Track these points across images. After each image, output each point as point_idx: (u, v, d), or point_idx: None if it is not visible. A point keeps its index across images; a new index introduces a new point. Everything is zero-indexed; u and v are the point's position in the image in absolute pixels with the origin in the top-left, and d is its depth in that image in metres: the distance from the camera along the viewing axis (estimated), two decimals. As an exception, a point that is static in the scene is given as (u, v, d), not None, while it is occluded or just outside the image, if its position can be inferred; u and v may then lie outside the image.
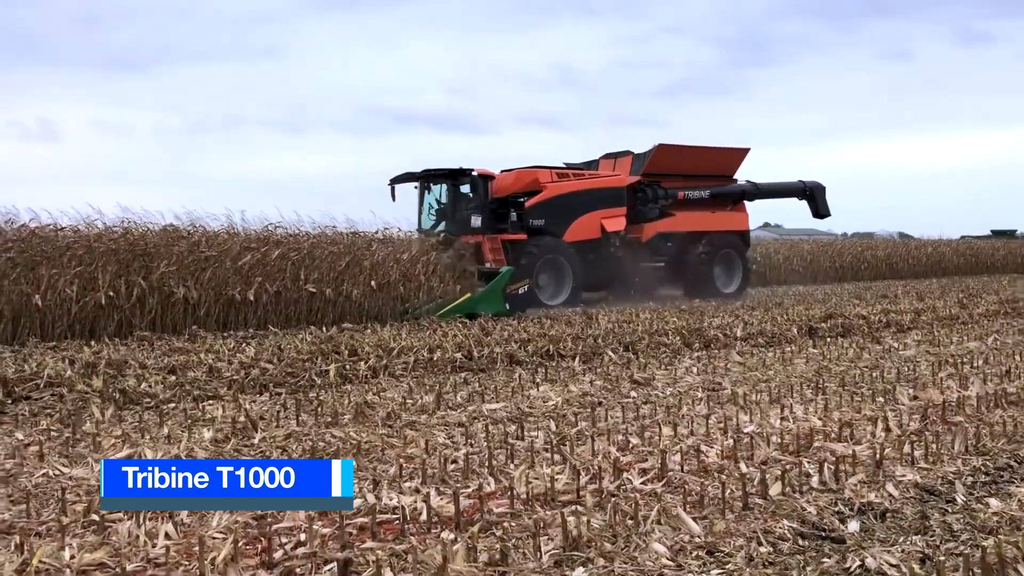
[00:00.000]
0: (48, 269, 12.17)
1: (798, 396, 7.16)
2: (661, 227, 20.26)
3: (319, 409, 6.68)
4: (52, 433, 6.06)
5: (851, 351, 10.08)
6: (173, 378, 8.03)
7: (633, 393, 7.48)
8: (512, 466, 4.88)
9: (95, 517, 3.99)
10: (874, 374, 8.26)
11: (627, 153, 20.98)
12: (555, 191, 18.72)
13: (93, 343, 11.00)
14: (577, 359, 9.52)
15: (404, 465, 4.88)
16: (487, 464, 4.87)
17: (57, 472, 4.94)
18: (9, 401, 7.22)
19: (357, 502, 4.20)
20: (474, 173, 18.20)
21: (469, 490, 4.42)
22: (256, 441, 5.71)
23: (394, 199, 18.47)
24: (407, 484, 4.58)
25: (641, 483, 4.52)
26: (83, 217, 13.68)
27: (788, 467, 4.76)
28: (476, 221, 17.78)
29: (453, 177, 18.33)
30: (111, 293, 12.38)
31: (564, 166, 20.41)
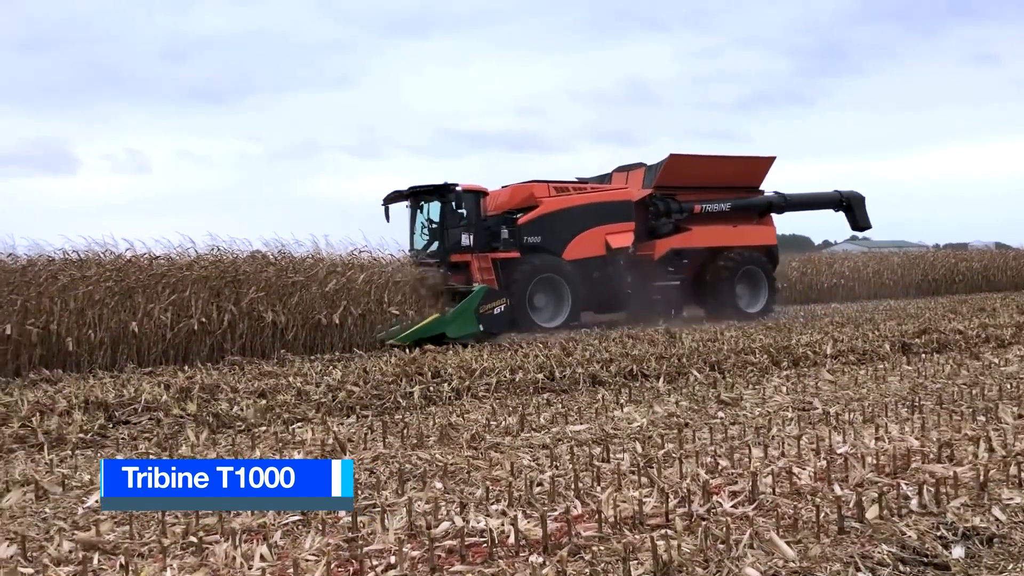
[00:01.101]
0: (144, 297, 12.67)
1: (893, 415, 6.94)
2: (675, 243, 19.37)
3: (405, 431, 6.76)
4: (151, 456, 6.28)
5: (948, 367, 9.72)
6: (263, 401, 8.25)
7: (720, 414, 7.36)
8: (599, 489, 4.85)
9: (193, 539, 4.12)
10: (974, 391, 7.95)
11: (640, 165, 20.19)
12: (552, 206, 18.01)
13: (187, 368, 11.38)
14: (661, 379, 9.43)
15: (490, 487, 4.90)
16: (573, 487, 4.85)
17: (156, 494, 5.11)
18: (110, 425, 7.52)
19: (445, 525, 4.24)
20: (459, 188, 17.45)
21: (556, 513, 4.41)
22: (345, 463, 5.80)
23: (388, 219, 17.94)
24: (494, 507, 4.59)
25: (732, 506, 4.44)
26: (174, 246, 14.25)
27: (885, 489, 4.61)
28: (467, 239, 17.11)
29: (442, 194, 17.59)
30: (203, 319, 12.84)
31: (577, 180, 19.70)
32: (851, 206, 21.81)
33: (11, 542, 4.19)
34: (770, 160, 20.54)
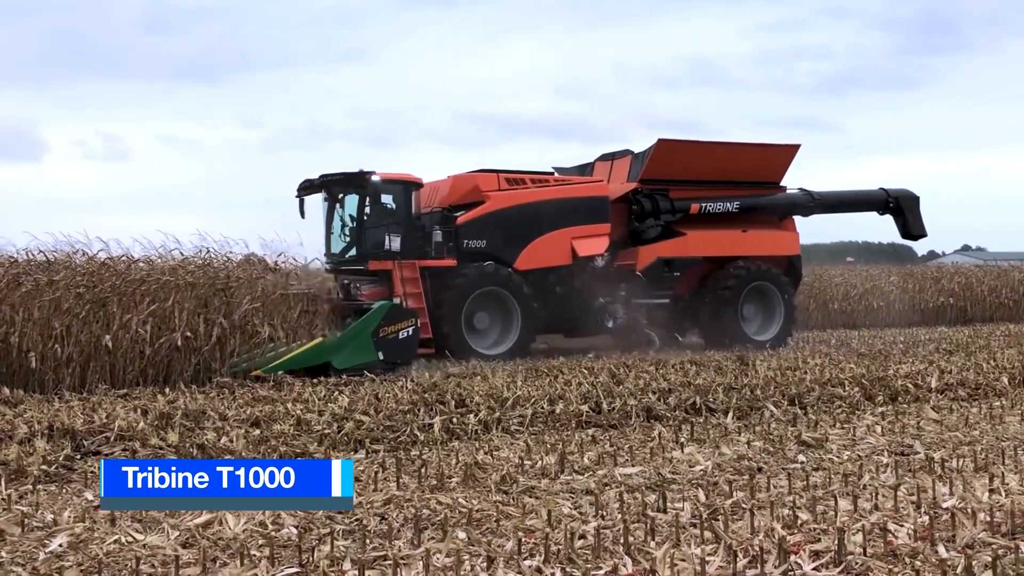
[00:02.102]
0: (119, 307, 12.85)
1: (1011, 463, 6.84)
2: (664, 251, 18.16)
3: (423, 470, 6.79)
4: (124, 493, 6.36)
5: (1081, 407, 9.57)
6: (257, 432, 8.33)
7: (801, 457, 7.31)
8: (653, 544, 4.84)
9: (172, 592, 4.17)
10: (1112, 436, 7.82)
11: (626, 153, 19.09)
12: (502, 203, 16.90)
13: (168, 390, 11.50)
14: (730, 414, 9.38)
15: (523, 539, 4.90)
16: (622, 541, 4.83)
17: (130, 539, 5.17)
18: (77, 456, 7.64)
19: (469, 583, 4.25)
20: (377, 178, 16.15)
21: (601, 572, 4.40)
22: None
23: (303, 215, 16.85)
24: (527, 562, 4.59)
25: (813, 568, 4.40)
26: (156, 247, 14.39)
27: (1000, 552, 4.54)
28: (394, 243, 16.01)
29: (358, 185, 16.32)
30: (188, 333, 13.00)
31: (554, 171, 18.89)
32: (901, 208, 20.67)
33: (-39, 591, 4.27)
34: (792, 149, 19.55)
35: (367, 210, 16.32)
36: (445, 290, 15.97)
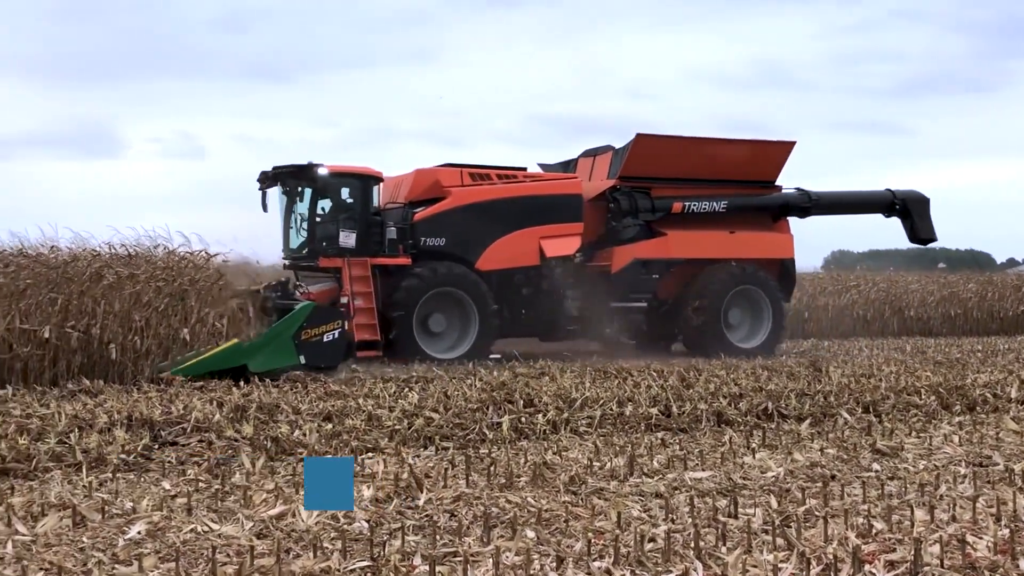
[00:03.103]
0: (197, 301, 13.09)
1: (1097, 478, 6.63)
2: (641, 252, 17.27)
3: (492, 468, 6.81)
4: (200, 484, 6.50)
5: None
6: (329, 426, 8.44)
7: (876, 466, 7.18)
8: (724, 549, 4.79)
9: (247, 581, 4.24)
10: None
11: (608, 149, 18.30)
12: (464, 199, 16.10)
13: (242, 383, 11.69)
14: (804, 421, 9.26)
15: (592, 540, 4.89)
16: (692, 545, 4.79)
17: (206, 528, 5.28)
18: (155, 446, 7.82)
19: (538, 582, 4.25)
20: (323, 170, 15.38)
21: (672, 575, 4.37)
22: (421, 503, 5.88)
23: (265, 208, 16.07)
24: (596, 563, 4.58)
25: (888, 579, 4.32)
26: (224, 243, 14.50)
27: (1086, 570, 4.42)
28: (348, 239, 15.32)
29: (307, 177, 15.56)
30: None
31: (525, 167, 17.76)
32: (908, 211, 19.74)
33: (47, 573, 4.39)
34: (787, 146, 18.66)
35: (319, 204, 15.73)
36: (395, 290, 15.29)
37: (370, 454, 7.65)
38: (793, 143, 18.67)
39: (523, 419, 9.00)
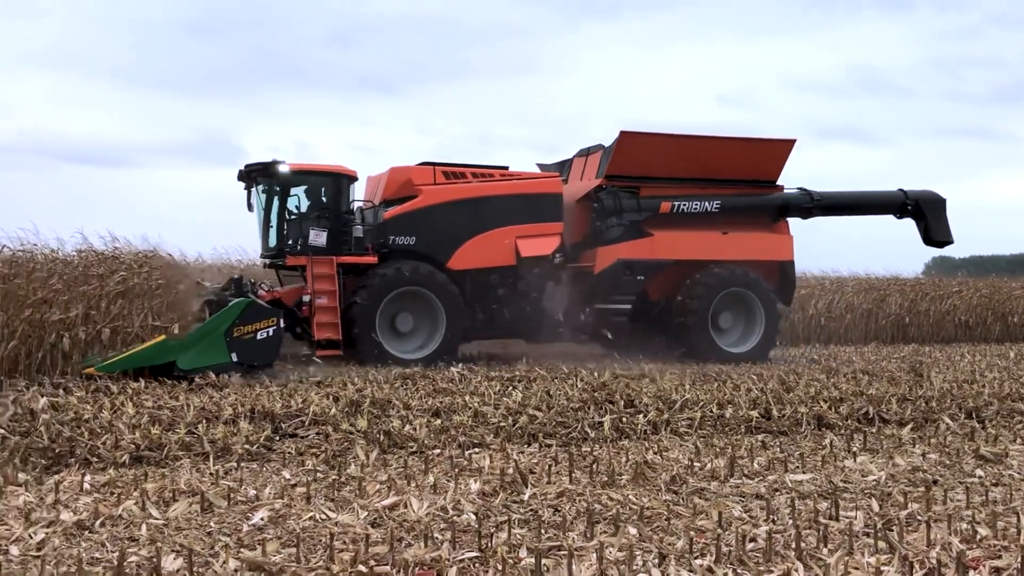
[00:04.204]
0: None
1: None
2: (625, 252, 16.23)
3: (594, 466, 6.79)
4: (318, 474, 6.64)
5: None
6: (438, 421, 8.53)
7: (979, 472, 6.94)
8: (825, 551, 4.69)
9: (363, 568, 4.32)
10: None
11: (599, 148, 17.25)
12: (435, 198, 15.37)
13: (356, 379, 11.89)
14: (905, 426, 9.00)
15: (694, 539, 4.84)
16: (794, 546, 4.70)
17: (324, 516, 5.40)
18: (276, 438, 8.01)
19: (640, 577, 4.23)
20: (285, 168, 14.73)
21: (774, 575, 4.30)
22: (526, 497, 5.91)
23: (250, 207, 15.52)
24: (698, 561, 4.53)
25: (994, 586, 4.17)
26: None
27: None
28: (319, 238, 14.72)
29: (270, 175, 14.96)
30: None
31: (507, 166, 16.60)
32: (921, 211, 18.34)
33: (177, 555, 4.55)
34: (788, 145, 17.44)
35: (288, 202, 15.22)
36: (359, 289, 14.74)
37: (476, 449, 7.72)
38: (793, 141, 17.48)
39: (624, 419, 8.96)
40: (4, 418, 8.19)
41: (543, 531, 5.07)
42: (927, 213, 18.34)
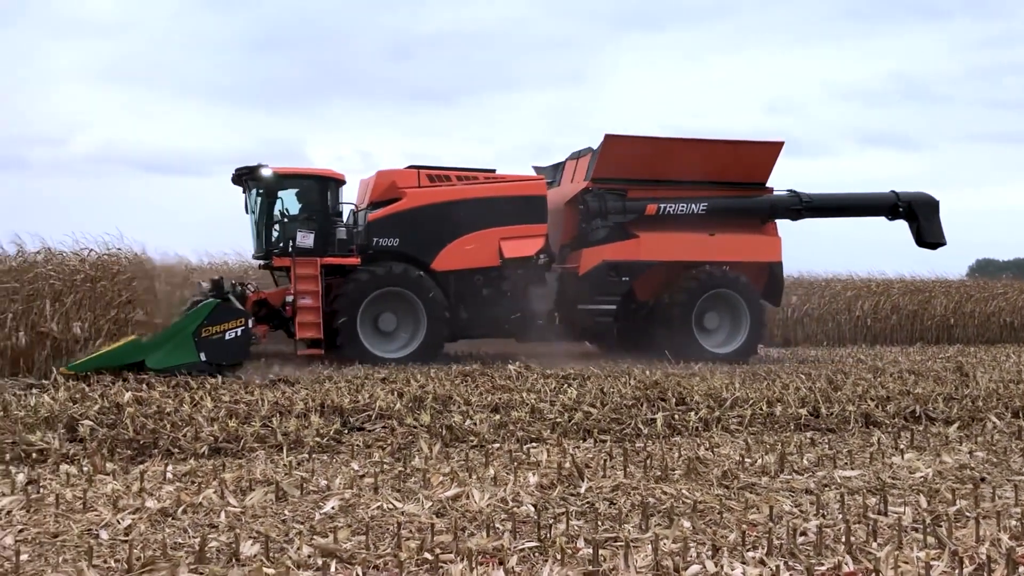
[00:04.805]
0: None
1: None
2: (610, 254, 15.90)
3: (648, 461, 6.76)
4: (384, 466, 6.70)
5: None
6: (496, 417, 8.56)
7: (1027, 470, 6.78)
8: (875, 545, 4.62)
9: (429, 556, 4.35)
10: None
11: (588, 151, 16.83)
12: (419, 200, 15.15)
13: (419, 376, 11.97)
14: (952, 424, 8.82)
15: (746, 532, 4.80)
16: (844, 540, 4.64)
17: (391, 506, 5.44)
18: (345, 431, 8.10)
19: (694, 569, 4.20)
20: (267, 171, 14.53)
21: (824, 568, 4.25)
22: (583, 490, 5.90)
23: (247, 209, 15.39)
24: (750, 554, 4.49)
25: (1043, 582, 4.07)
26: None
27: None
28: (306, 240, 14.53)
29: (255, 178, 14.81)
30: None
31: (494, 169, 16.23)
32: (914, 213, 17.74)
33: (255, 541, 4.62)
34: (775, 147, 16.98)
35: (276, 205, 15.04)
36: (340, 290, 14.59)
37: (534, 444, 7.73)
38: (781, 143, 17.03)
39: (676, 416, 8.90)
40: (92, 411, 8.39)
41: (600, 523, 5.06)
42: (919, 215, 17.80)
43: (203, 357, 12.24)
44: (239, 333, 12.71)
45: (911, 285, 25.99)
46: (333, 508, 5.39)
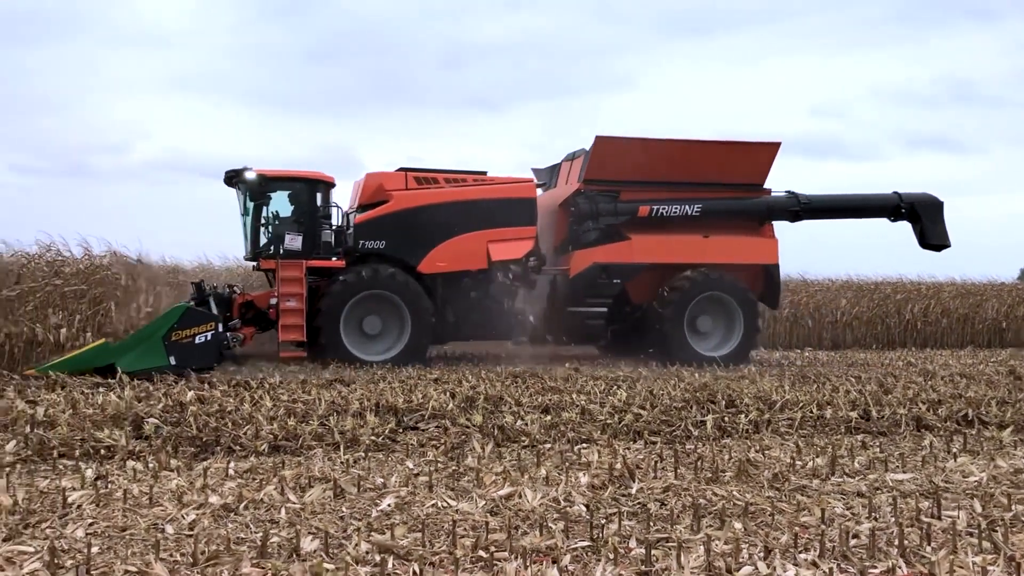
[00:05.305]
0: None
1: None
2: (601, 256, 15.57)
3: (698, 463, 6.71)
4: (438, 464, 6.73)
5: None
6: (547, 418, 8.56)
7: (1083, 475, 6.60)
8: (929, 549, 4.54)
9: (483, 553, 4.36)
10: None
11: (582, 152, 16.35)
12: (405, 203, 14.90)
13: (470, 377, 12.02)
14: (1005, 428, 8.63)
15: (798, 534, 4.74)
16: (897, 543, 4.57)
17: (445, 504, 5.47)
18: (399, 430, 8.16)
19: (747, 570, 4.17)
20: (251, 174, 14.34)
21: (877, 571, 4.19)
22: (634, 491, 5.88)
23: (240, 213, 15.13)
24: (802, 555, 4.44)
25: (1103, 589, 3.97)
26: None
27: None
28: (294, 242, 14.38)
29: (241, 181, 14.59)
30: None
31: (486, 171, 15.92)
32: (916, 214, 17.12)
33: (314, 537, 4.68)
34: (772, 148, 16.42)
35: (265, 207, 14.79)
36: (323, 292, 14.39)
37: (584, 445, 7.71)
38: (778, 144, 16.42)
39: (726, 418, 8.83)
40: (157, 409, 8.55)
41: (651, 523, 5.04)
42: (923, 216, 17.20)
43: (173, 361, 12.15)
44: (209, 337, 12.60)
45: (962, 288, 25.48)
46: (389, 505, 5.43)
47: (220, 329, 12.85)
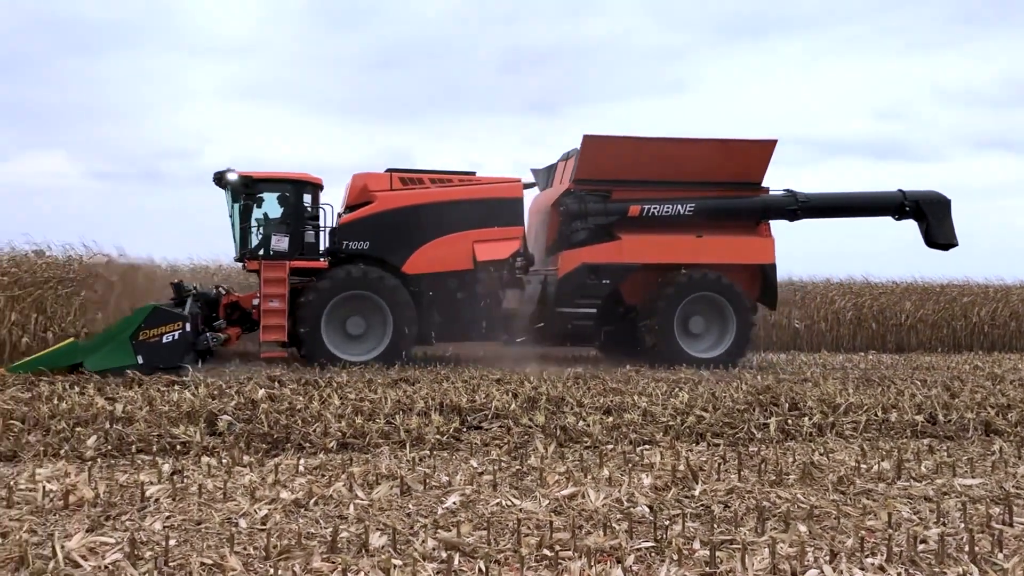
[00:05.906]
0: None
1: None
2: (589, 256, 15.07)
3: (762, 465, 6.62)
4: (502, 464, 6.74)
5: None
6: (609, 419, 8.51)
7: None
8: (1001, 556, 4.41)
9: (548, 552, 4.36)
10: None
11: (575, 152, 15.76)
12: (389, 204, 14.62)
13: (532, 378, 12.01)
14: (1077, 434, 8.36)
15: (865, 538, 4.64)
16: (967, 549, 4.45)
17: (509, 503, 5.48)
18: (464, 429, 8.19)
19: (812, 573, 4.09)
20: (233, 175, 14.15)
21: (947, 577, 4.08)
22: (697, 493, 5.81)
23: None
24: (869, 560, 4.35)
25: None
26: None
27: None
28: (280, 243, 14.21)
29: (225, 184, 14.44)
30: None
31: (474, 172, 15.56)
32: (922, 212, 16.38)
33: (382, 533, 4.72)
34: (769, 145, 15.72)
35: (252, 208, 14.57)
36: (307, 291, 14.16)
37: (647, 446, 7.66)
38: (774, 141, 15.70)
39: (789, 421, 8.69)
40: (230, 407, 8.71)
41: (715, 525, 4.98)
42: (928, 214, 16.45)
43: (140, 360, 12.13)
44: (176, 337, 12.53)
45: (1031, 291, 24.72)
46: (454, 503, 5.45)
47: (188, 329, 12.73)
